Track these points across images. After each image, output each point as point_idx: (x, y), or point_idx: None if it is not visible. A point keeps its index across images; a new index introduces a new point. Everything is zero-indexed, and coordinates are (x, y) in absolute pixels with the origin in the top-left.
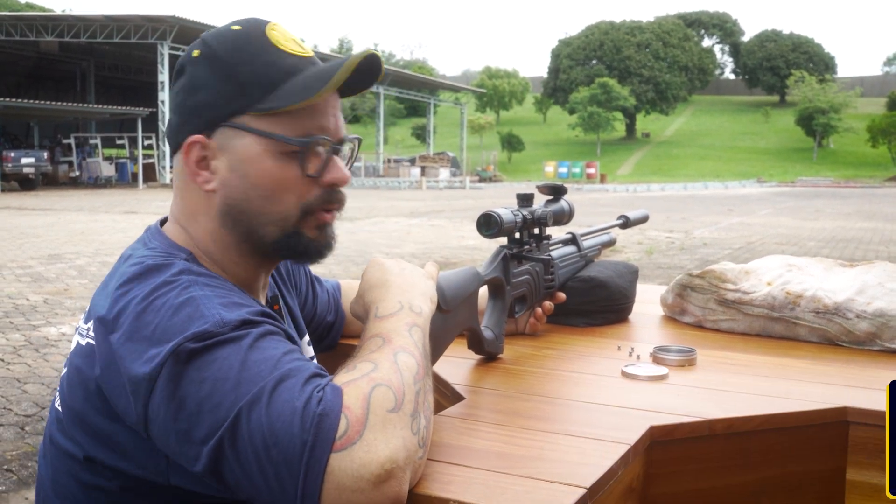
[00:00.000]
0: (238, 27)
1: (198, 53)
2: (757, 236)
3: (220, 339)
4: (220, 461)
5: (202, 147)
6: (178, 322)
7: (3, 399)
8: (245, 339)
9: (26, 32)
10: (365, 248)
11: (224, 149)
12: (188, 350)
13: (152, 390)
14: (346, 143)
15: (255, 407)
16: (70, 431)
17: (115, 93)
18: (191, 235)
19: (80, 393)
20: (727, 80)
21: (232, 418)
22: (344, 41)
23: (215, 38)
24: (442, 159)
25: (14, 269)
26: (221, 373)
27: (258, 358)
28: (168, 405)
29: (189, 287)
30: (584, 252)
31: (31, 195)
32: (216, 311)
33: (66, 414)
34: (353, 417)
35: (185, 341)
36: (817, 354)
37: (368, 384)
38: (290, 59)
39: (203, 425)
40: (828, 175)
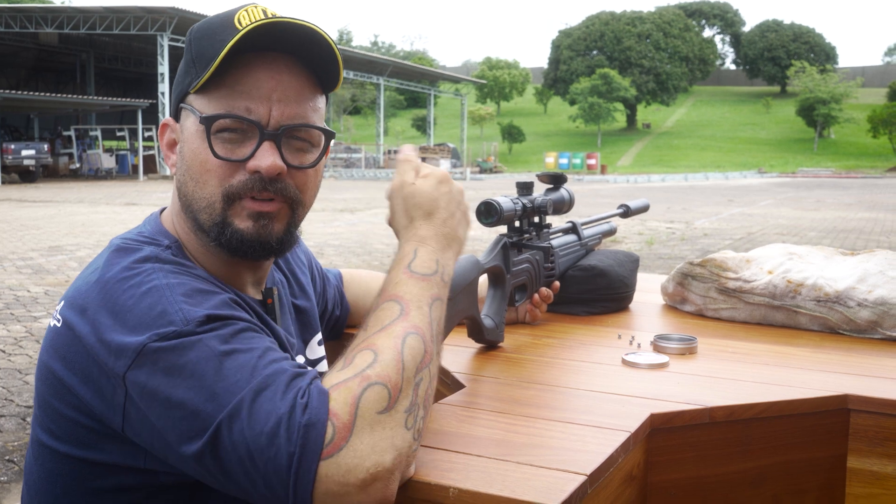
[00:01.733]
0: (226, 10)
1: None
2: (758, 227)
3: (187, 341)
4: (202, 466)
5: (170, 130)
6: (140, 312)
7: (4, 390)
8: (214, 342)
9: (26, 24)
10: (365, 240)
11: (182, 129)
12: (154, 349)
13: (124, 387)
14: (286, 132)
15: (235, 420)
16: (45, 423)
17: (116, 84)
18: (175, 225)
19: (43, 379)
20: (728, 71)
21: (212, 431)
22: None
23: (201, 22)
24: (442, 150)
25: (15, 261)
26: (194, 380)
27: (233, 365)
28: (140, 406)
29: (151, 274)
30: (584, 241)
31: (31, 187)
32: (178, 305)
33: (38, 405)
34: (339, 424)
35: (150, 341)
36: (818, 343)
37: (360, 385)
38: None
39: (179, 431)
40: (829, 165)
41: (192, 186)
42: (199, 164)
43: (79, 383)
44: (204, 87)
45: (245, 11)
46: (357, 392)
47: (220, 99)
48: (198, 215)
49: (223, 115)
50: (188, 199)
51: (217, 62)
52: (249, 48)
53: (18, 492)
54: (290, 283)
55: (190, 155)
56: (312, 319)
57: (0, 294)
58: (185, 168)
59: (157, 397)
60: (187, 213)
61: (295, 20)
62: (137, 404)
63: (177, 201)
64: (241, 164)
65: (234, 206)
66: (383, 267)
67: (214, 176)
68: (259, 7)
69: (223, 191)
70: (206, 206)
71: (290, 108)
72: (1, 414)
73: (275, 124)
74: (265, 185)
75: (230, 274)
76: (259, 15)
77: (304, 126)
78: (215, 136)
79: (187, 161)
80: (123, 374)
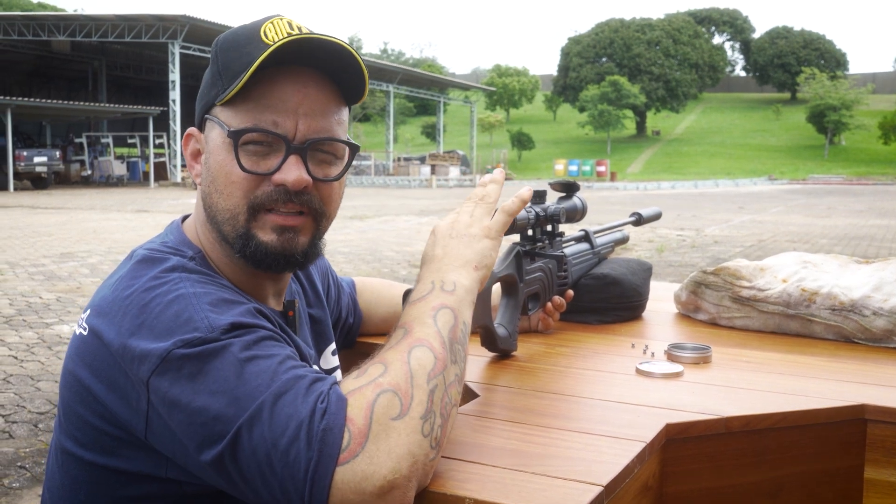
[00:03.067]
0: (252, 21)
1: None
2: (768, 234)
3: (211, 347)
4: (221, 471)
5: (195, 140)
6: (167, 320)
7: (16, 397)
8: (236, 348)
9: (38, 32)
10: (375, 247)
11: (207, 140)
12: (178, 356)
13: (148, 392)
14: (312, 146)
15: (255, 423)
16: (69, 431)
17: (127, 92)
18: (199, 235)
19: (69, 387)
20: (738, 78)
21: (232, 435)
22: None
23: (227, 33)
24: (452, 157)
25: (27, 268)
26: (217, 385)
27: (254, 370)
28: (161, 413)
29: (178, 283)
30: (597, 249)
31: (43, 194)
32: (204, 313)
33: (63, 413)
34: (355, 430)
35: (175, 347)
36: (833, 352)
37: (374, 391)
38: (262, 49)
39: (200, 437)
40: (839, 172)
41: (217, 198)
42: (225, 176)
43: (104, 391)
44: (231, 99)
45: (271, 24)
46: (371, 398)
47: (247, 112)
48: (221, 226)
49: (251, 128)
50: (213, 210)
51: (246, 77)
52: (276, 62)
53: (30, 498)
54: (305, 293)
55: (216, 167)
56: (326, 329)
57: (12, 300)
58: (210, 179)
59: (179, 403)
60: (212, 223)
61: (324, 36)
62: (159, 411)
63: (201, 211)
64: (266, 176)
65: (258, 218)
66: (393, 274)
67: (240, 188)
68: (284, 20)
69: (248, 203)
70: (230, 217)
71: (316, 121)
72: (13, 420)
73: (301, 138)
74: (290, 198)
75: (253, 285)
76: (285, 28)
77: (330, 140)
78: (242, 149)
79: (212, 172)
80: (147, 380)
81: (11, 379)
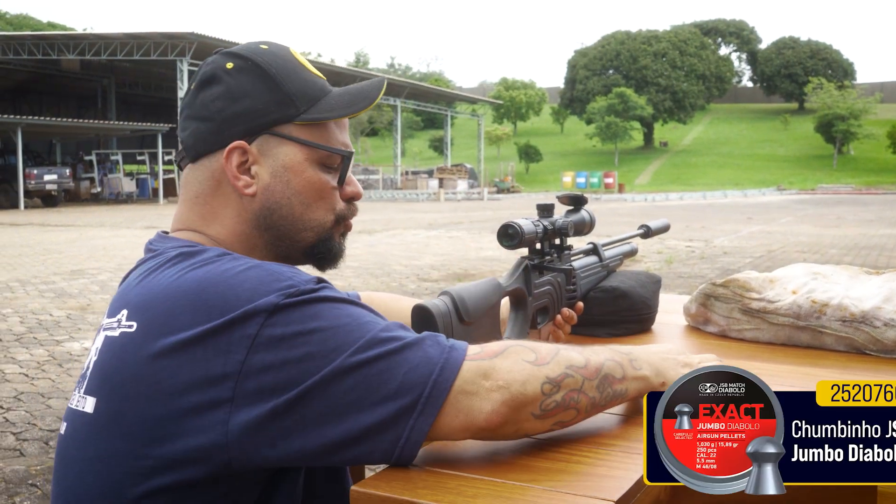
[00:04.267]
0: (266, 46)
1: (232, 66)
2: (778, 244)
3: (313, 296)
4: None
5: (243, 152)
6: (255, 282)
7: (27, 414)
8: (338, 296)
9: (48, 51)
10: (384, 261)
11: (266, 155)
12: (286, 305)
13: (251, 347)
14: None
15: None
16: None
17: (136, 109)
18: (210, 237)
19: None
20: (745, 88)
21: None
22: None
23: (253, 53)
24: (459, 171)
25: (37, 285)
26: (330, 322)
27: (361, 312)
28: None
29: (239, 259)
30: (605, 262)
31: (53, 211)
32: (289, 272)
33: (105, 414)
34: (485, 351)
35: (280, 298)
36: (845, 363)
37: (512, 342)
38: (319, 79)
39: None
40: (848, 182)
41: (301, 210)
42: (315, 191)
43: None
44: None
45: (296, 55)
46: (509, 343)
47: (329, 134)
48: (297, 234)
49: (348, 151)
50: (287, 220)
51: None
52: None
53: None
54: None
55: (303, 182)
56: None
57: (23, 318)
58: (291, 192)
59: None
60: (270, 230)
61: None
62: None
63: (244, 221)
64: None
65: (339, 226)
66: (402, 288)
67: (329, 202)
68: (290, 49)
69: (335, 214)
70: (317, 226)
71: None
72: (24, 438)
73: (349, 153)
74: (353, 209)
75: None
76: (300, 57)
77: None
78: (327, 166)
79: (296, 186)
80: (255, 334)
81: (22, 396)
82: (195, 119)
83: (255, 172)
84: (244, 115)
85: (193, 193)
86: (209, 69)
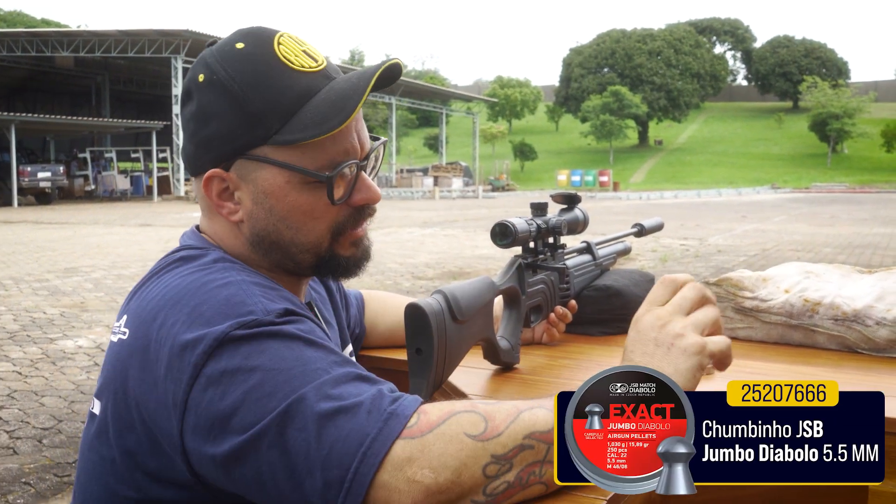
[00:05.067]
0: (242, 45)
1: (203, 78)
2: (772, 243)
3: (268, 330)
4: (258, 448)
5: (221, 180)
6: (219, 304)
7: (21, 412)
8: (293, 331)
9: (42, 48)
10: (379, 259)
11: (245, 180)
12: (236, 338)
13: (195, 378)
14: (372, 153)
15: (311, 400)
16: (109, 438)
17: (130, 106)
18: (223, 246)
19: (112, 396)
20: (739, 87)
21: (284, 406)
22: (355, 52)
23: (220, 62)
24: (454, 169)
25: (31, 283)
26: (274, 363)
27: (313, 354)
28: (212, 392)
29: (225, 272)
30: (599, 261)
31: (47, 209)
32: (257, 298)
33: (106, 420)
34: (424, 419)
35: (231, 329)
36: (837, 362)
37: (463, 407)
38: (304, 78)
39: (248, 413)
40: (842, 180)
41: (291, 234)
42: (303, 214)
43: (146, 391)
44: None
45: (281, 45)
46: (457, 409)
47: (318, 148)
48: (295, 256)
49: (345, 164)
50: (279, 245)
51: (342, 126)
52: None
53: None
54: (322, 297)
55: (287, 207)
56: (343, 332)
57: (16, 316)
58: (275, 219)
59: (234, 381)
60: (269, 254)
61: (396, 61)
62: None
63: (243, 244)
64: (346, 201)
65: (340, 239)
66: (396, 286)
67: (324, 221)
68: (286, 35)
69: (332, 230)
70: (312, 247)
71: (364, 129)
72: (17, 436)
73: (363, 154)
74: (366, 213)
75: (286, 286)
76: (296, 47)
77: (381, 142)
78: (318, 184)
79: (280, 212)
80: (202, 363)
81: (16, 395)
82: (184, 137)
83: (238, 198)
84: (214, 139)
85: (201, 207)
86: (187, 80)
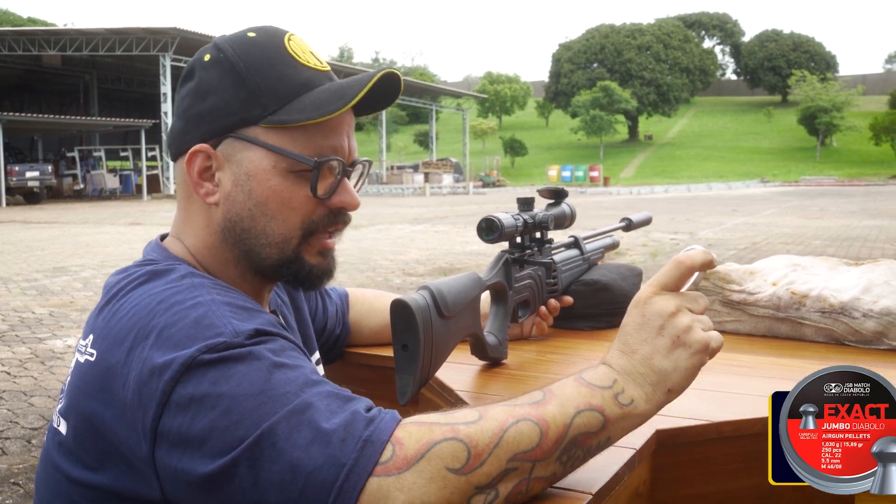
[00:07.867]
0: (254, 34)
1: (209, 57)
2: (762, 236)
3: (237, 353)
4: (228, 481)
5: (206, 157)
6: (187, 327)
7: (9, 412)
8: (263, 354)
9: (29, 47)
10: (369, 256)
11: (230, 160)
12: (204, 362)
13: (164, 405)
14: (357, 165)
15: (283, 427)
16: (76, 453)
17: (119, 105)
18: (187, 247)
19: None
20: (729, 81)
21: (254, 437)
22: (344, 49)
23: (229, 43)
24: (445, 165)
25: (19, 283)
26: (242, 388)
27: (283, 377)
28: (181, 419)
29: (194, 290)
30: (586, 255)
31: (35, 209)
32: (226, 319)
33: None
34: (401, 453)
35: (199, 353)
36: (824, 354)
37: (443, 433)
38: (307, 72)
39: (217, 441)
40: (831, 174)
41: (265, 222)
42: (282, 202)
43: (114, 416)
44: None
45: (291, 41)
46: (436, 438)
47: (308, 138)
48: (261, 250)
49: (333, 158)
50: (251, 233)
51: (339, 113)
52: None
53: None
54: (286, 303)
55: (266, 191)
56: (309, 340)
57: (5, 316)
58: (252, 203)
59: (203, 408)
60: (238, 245)
61: (395, 71)
62: (175, 423)
63: (213, 233)
64: (325, 200)
65: (310, 241)
66: (387, 283)
67: (299, 214)
68: (295, 36)
69: (305, 226)
70: (280, 241)
71: (354, 141)
72: (6, 437)
73: (350, 159)
74: (341, 219)
75: (249, 294)
76: (304, 46)
77: (367, 161)
78: (311, 175)
79: (258, 197)
80: (169, 390)
81: (4, 395)
82: (175, 115)
83: (218, 179)
84: (208, 114)
85: (178, 196)
86: (192, 61)
